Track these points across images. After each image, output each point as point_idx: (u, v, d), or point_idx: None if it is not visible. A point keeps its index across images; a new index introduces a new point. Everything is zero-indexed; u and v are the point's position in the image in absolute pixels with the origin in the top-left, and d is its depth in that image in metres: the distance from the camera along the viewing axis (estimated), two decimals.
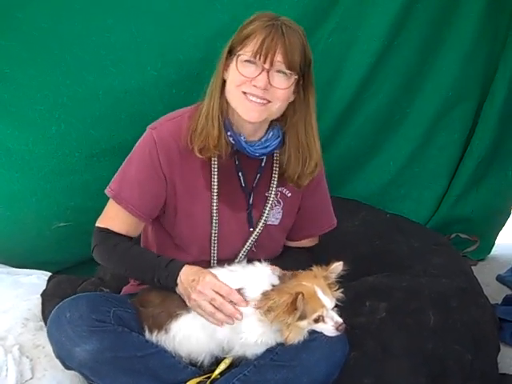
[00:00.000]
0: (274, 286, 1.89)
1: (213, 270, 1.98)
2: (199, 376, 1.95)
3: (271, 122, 2.04)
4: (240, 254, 2.13)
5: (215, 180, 2.05)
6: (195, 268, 1.95)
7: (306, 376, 1.85)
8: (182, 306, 1.96)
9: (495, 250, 3.43)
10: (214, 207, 2.07)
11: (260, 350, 1.90)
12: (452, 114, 3.10)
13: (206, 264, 2.10)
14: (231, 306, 1.86)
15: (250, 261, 2.05)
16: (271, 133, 2.04)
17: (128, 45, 2.14)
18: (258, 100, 1.92)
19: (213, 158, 2.04)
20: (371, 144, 3.09)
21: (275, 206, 2.13)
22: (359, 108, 2.95)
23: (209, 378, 1.94)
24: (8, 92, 2.41)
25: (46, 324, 2.08)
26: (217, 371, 1.95)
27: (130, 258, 2.05)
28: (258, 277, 1.92)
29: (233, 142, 2.01)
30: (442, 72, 3.00)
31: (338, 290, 1.89)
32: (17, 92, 2.42)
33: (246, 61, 1.90)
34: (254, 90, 1.91)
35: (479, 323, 2.32)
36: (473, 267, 2.81)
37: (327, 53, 2.76)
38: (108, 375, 1.88)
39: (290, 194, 2.14)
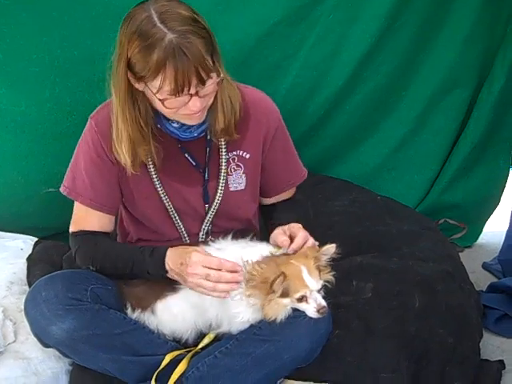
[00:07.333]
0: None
1: (199, 249, 1.97)
2: (178, 350, 1.96)
3: None
4: (203, 227, 2.13)
5: (152, 163, 2.02)
6: (179, 249, 1.93)
7: (288, 351, 1.86)
8: (169, 286, 1.95)
9: (482, 238, 3.43)
10: (157, 185, 2.05)
11: (246, 325, 1.90)
12: (448, 99, 3.09)
13: (180, 241, 2.12)
14: (227, 273, 1.83)
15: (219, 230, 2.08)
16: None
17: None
18: (198, 112, 1.87)
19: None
20: (365, 125, 3.07)
21: (235, 170, 2.09)
22: (356, 87, 2.93)
23: (189, 351, 1.96)
24: (4, 52, 2.39)
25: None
26: (200, 345, 1.96)
27: (114, 254, 2.05)
28: (249, 252, 1.89)
29: (170, 135, 1.98)
30: (440, 56, 2.97)
31: (329, 272, 1.88)
32: (13, 52, 2.40)
33: (168, 96, 1.80)
34: (190, 110, 1.85)
35: (463, 308, 2.34)
36: (459, 254, 2.81)
37: (327, 30, 2.73)
38: (85, 353, 1.90)
39: (248, 156, 2.10)
